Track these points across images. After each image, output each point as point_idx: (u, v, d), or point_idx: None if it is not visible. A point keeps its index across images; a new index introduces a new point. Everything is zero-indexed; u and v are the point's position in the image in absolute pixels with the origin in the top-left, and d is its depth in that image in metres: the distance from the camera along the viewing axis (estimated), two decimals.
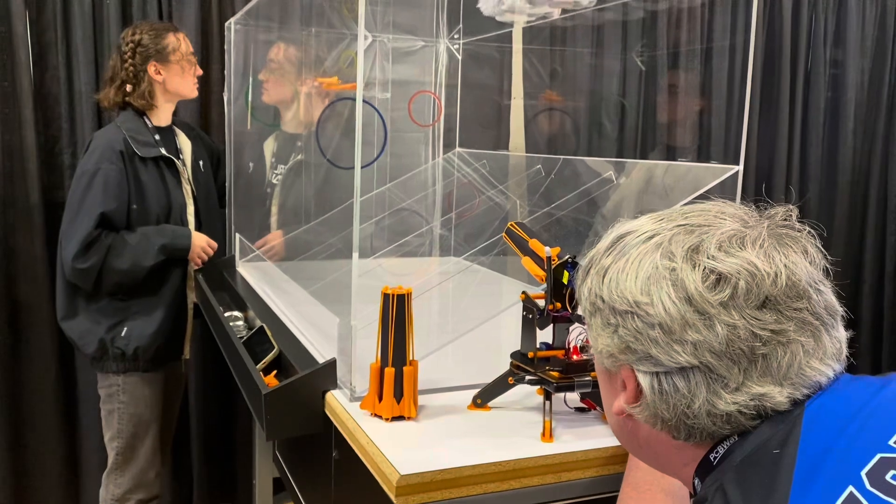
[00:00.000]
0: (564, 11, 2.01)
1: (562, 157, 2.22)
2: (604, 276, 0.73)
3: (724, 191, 1.42)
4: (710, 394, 0.68)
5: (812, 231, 0.72)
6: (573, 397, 1.23)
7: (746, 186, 2.97)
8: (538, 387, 1.19)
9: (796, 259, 0.69)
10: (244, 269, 2.25)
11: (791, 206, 0.74)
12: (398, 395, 1.17)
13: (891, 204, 3.20)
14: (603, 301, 0.73)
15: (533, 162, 2.30)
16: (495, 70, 2.67)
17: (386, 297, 1.17)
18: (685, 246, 0.69)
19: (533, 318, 1.17)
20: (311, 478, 1.51)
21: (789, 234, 0.71)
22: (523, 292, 1.20)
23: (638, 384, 0.71)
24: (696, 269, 0.68)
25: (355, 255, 1.22)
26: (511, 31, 2.51)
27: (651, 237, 0.72)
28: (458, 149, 2.56)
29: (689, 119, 2.89)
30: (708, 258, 0.68)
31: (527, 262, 1.25)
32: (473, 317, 1.47)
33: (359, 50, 1.25)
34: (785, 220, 0.73)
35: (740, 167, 1.38)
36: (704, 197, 1.40)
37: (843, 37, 3.13)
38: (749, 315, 0.67)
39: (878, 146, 3.20)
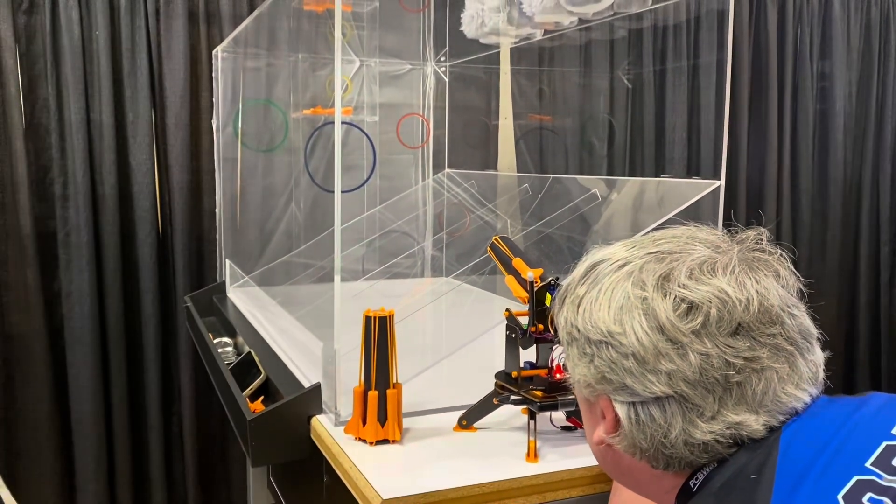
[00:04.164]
0: (547, 32, 2.02)
1: (551, 175, 2.22)
2: (578, 306, 0.73)
3: (713, 205, 1.43)
4: (686, 423, 0.67)
5: (784, 253, 0.72)
6: (559, 416, 1.22)
7: (738, 200, 2.99)
8: (523, 406, 1.19)
9: (768, 284, 0.69)
10: (234, 294, 2.25)
11: (762, 229, 0.73)
12: (382, 418, 1.16)
13: (883, 213, 3.20)
14: (578, 331, 0.72)
15: (522, 181, 2.31)
16: (483, 91, 2.68)
17: (368, 319, 1.17)
18: (656, 274, 0.69)
19: (516, 337, 1.17)
20: (304, 503, 1.50)
21: (760, 258, 0.70)
22: (507, 309, 1.19)
23: (616, 414, 0.71)
24: (667, 297, 0.67)
25: (337, 278, 1.23)
26: (497, 53, 2.53)
27: (623, 265, 0.71)
28: (447, 170, 2.56)
29: (677, 135, 2.90)
30: (678, 286, 0.68)
31: (510, 281, 1.25)
32: (459, 337, 1.46)
33: (336, 69, 1.26)
34: (756, 243, 0.72)
35: (721, 182, 1.40)
36: (689, 212, 1.42)
37: (829, 49, 3.15)
38: (722, 343, 0.66)
39: (868, 156, 3.21)
